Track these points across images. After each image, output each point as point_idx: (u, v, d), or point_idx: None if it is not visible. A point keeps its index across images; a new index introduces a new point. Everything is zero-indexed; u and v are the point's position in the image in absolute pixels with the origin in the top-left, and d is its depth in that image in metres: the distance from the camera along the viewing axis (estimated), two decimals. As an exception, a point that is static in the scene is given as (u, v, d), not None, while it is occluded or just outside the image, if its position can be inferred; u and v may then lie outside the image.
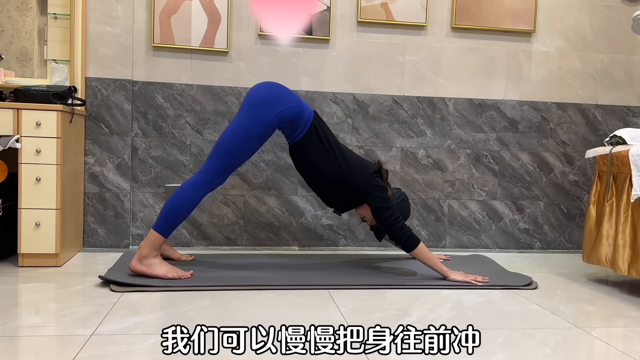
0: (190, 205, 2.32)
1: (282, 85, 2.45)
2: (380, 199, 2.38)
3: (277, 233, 3.06)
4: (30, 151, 2.42)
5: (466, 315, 1.97)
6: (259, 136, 2.34)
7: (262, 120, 2.32)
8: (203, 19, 2.91)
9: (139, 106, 2.92)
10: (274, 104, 2.34)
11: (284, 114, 2.34)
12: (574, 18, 3.22)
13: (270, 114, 2.32)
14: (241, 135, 2.32)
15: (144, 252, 2.26)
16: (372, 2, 3.01)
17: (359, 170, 2.41)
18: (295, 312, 1.95)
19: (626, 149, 2.34)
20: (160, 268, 2.27)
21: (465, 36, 3.14)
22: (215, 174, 2.32)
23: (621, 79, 3.29)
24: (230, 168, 2.36)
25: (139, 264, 2.26)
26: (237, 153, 2.33)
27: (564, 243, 3.29)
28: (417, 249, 2.36)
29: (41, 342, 1.62)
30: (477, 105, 3.17)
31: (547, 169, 3.25)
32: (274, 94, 2.38)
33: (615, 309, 2.14)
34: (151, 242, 2.28)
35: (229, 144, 2.32)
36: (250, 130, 2.32)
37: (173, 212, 2.30)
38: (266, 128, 2.34)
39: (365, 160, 2.51)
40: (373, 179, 2.41)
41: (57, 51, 2.85)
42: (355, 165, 2.42)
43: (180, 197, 2.31)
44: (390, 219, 2.36)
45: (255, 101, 2.35)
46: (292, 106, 2.36)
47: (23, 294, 2.12)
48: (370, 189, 2.38)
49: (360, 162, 2.47)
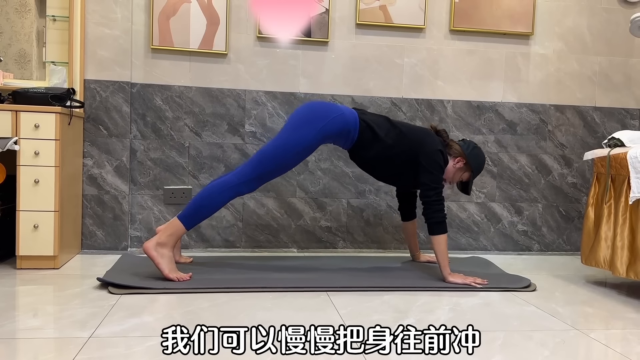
0: (216, 203, 2.33)
1: (323, 102, 2.49)
2: (432, 176, 2.40)
3: (275, 235, 3.06)
4: (29, 153, 2.41)
5: (465, 317, 1.97)
6: (298, 152, 2.36)
7: (303, 137, 2.34)
8: (202, 21, 2.91)
9: (137, 108, 2.92)
10: (315, 120, 2.36)
11: (327, 129, 2.37)
12: (572, 20, 3.23)
13: (311, 130, 2.35)
14: (281, 150, 2.34)
15: (163, 239, 2.26)
16: (370, 5, 3.02)
17: (423, 142, 2.44)
18: (294, 314, 1.95)
19: (624, 151, 2.34)
20: (167, 264, 2.26)
21: (464, 38, 3.14)
22: (247, 180, 2.33)
23: (619, 81, 3.29)
24: (264, 178, 2.37)
25: (153, 248, 2.24)
26: (273, 165, 2.35)
27: (563, 245, 3.30)
28: (438, 237, 2.37)
29: (39, 344, 1.62)
30: (476, 107, 3.17)
31: (546, 171, 3.25)
32: (315, 110, 2.40)
33: (614, 311, 2.15)
34: (172, 230, 2.28)
35: (268, 155, 2.34)
36: (291, 145, 2.34)
37: (199, 206, 2.31)
38: (307, 145, 2.36)
39: (427, 132, 2.52)
40: (437, 155, 2.43)
41: (55, 53, 2.85)
42: (418, 139, 2.45)
43: (209, 193, 2.32)
44: (431, 197, 2.38)
45: (299, 118, 2.39)
46: (333, 118, 2.38)
47: (21, 296, 2.12)
48: (429, 165, 2.41)
49: (422, 134, 2.48)
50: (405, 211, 2.79)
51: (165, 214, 2.96)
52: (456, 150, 2.52)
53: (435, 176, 2.41)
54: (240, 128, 3.00)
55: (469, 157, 2.50)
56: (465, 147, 2.53)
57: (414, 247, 2.85)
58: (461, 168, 2.54)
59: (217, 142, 2.99)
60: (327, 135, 2.38)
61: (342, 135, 2.42)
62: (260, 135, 3.01)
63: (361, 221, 3.11)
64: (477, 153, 2.54)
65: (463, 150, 2.51)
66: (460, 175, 2.56)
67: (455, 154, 2.52)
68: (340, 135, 2.42)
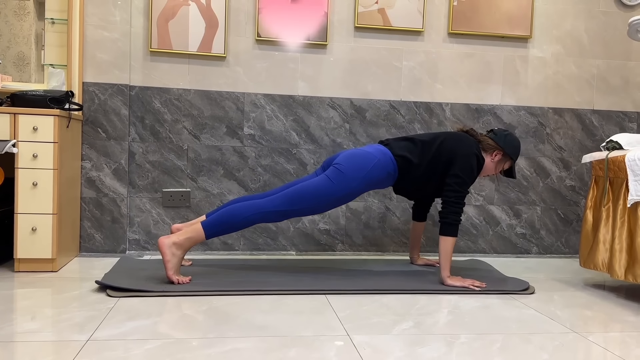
0: (243, 224, 2.32)
1: (359, 152, 2.45)
2: (459, 179, 2.39)
3: (274, 238, 3.05)
4: (27, 156, 2.41)
5: (464, 320, 1.97)
6: (337, 199, 2.38)
7: (344, 187, 2.36)
8: (201, 24, 2.92)
9: (136, 111, 2.92)
10: (357, 172, 2.37)
11: (369, 177, 2.39)
12: (570, 24, 3.24)
13: (354, 180, 2.37)
14: (320, 194, 2.35)
15: (181, 241, 2.25)
16: (369, 8, 3.03)
17: (458, 148, 2.43)
18: (293, 317, 1.95)
19: (622, 154, 2.34)
20: (174, 265, 2.25)
21: (462, 42, 3.15)
22: (278, 211, 2.34)
23: (617, 84, 3.30)
24: (294, 214, 2.37)
25: (168, 245, 2.24)
26: (306, 205, 2.35)
27: (561, 248, 3.30)
28: (447, 238, 2.37)
29: (37, 347, 1.61)
30: (474, 110, 3.18)
31: (544, 174, 3.26)
32: (356, 161, 2.40)
33: (612, 314, 2.15)
34: (192, 234, 2.27)
35: (305, 195, 2.34)
36: (331, 193, 2.35)
37: (225, 220, 2.31)
38: (348, 194, 2.38)
39: (459, 136, 2.50)
40: (472, 158, 2.42)
41: (54, 56, 2.85)
42: (451, 148, 2.44)
43: (239, 211, 2.32)
44: (452, 198, 2.38)
45: (340, 167, 2.38)
46: (374, 165, 2.39)
47: (19, 299, 2.11)
48: (461, 169, 2.40)
49: (455, 141, 2.46)
50: (418, 211, 2.80)
51: (163, 216, 2.96)
52: (490, 145, 2.52)
53: (462, 180, 2.40)
54: (239, 131, 3.00)
55: (505, 147, 2.50)
56: (498, 139, 2.52)
57: (416, 249, 2.85)
58: (500, 160, 2.54)
59: (216, 144, 2.99)
60: (370, 183, 2.41)
61: (382, 179, 2.44)
62: (258, 138, 3.01)
63: (360, 224, 3.11)
64: (510, 140, 2.54)
65: (497, 143, 2.51)
66: (502, 166, 2.57)
67: (491, 148, 2.52)
68: (380, 181, 2.44)
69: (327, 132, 3.06)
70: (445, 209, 2.39)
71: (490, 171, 2.56)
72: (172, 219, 2.96)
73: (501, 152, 2.52)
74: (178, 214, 2.97)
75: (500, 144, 2.51)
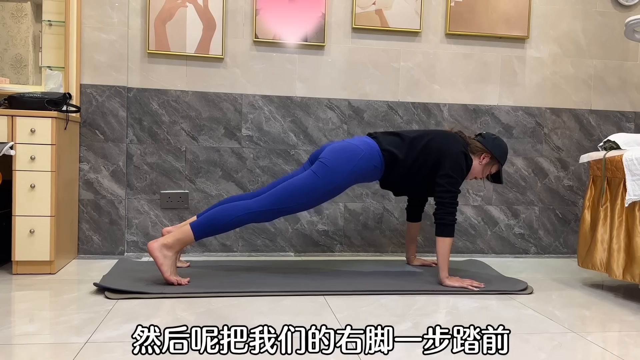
0: (231, 224, 2.32)
1: (346, 144, 2.45)
2: (451, 179, 2.39)
3: (272, 239, 3.05)
4: (25, 158, 2.41)
5: (462, 320, 1.97)
6: (323, 194, 2.37)
7: (330, 181, 2.35)
8: (198, 26, 2.91)
9: (134, 113, 2.92)
10: (343, 166, 2.36)
11: (355, 170, 2.38)
12: (567, 24, 3.25)
13: (340, 174, 2.36)
14: (307, 190, 2.34)
15: (169, 242, 2.24)
16: (366, 9, 3.03)
17: (447, 147, 2.43)
18: (291, 318, 1.94)
19: (620, 154, 2.35)
20: (169, 267, 2.25)
21: (460, 42, 3.15)
22: (266, 210, 2.33)
23: (614, 84, 3.31)
24: (283, 212, 2.37)
25: (158, 249, 2.23)
26: (295, 203, 2.34)
27: (559, 248, 3.30)
28: (444, 239, 2.37)
29: (35, 350, 1.61)
30: (472, 110, 3.18)
31: (542, 174, 3.26)
32: (342, 154, 2.39)
33: (611, 314, 2.15)
34: (181, 235, 2.26)
35: (292, 192, 2.33)
36: (319, 188, 2.35)
37: (214, 221, 2.30)
38: (335, 188, 2.37)
39: (448, 135, 2.50)
40: (460, 157, 2.42)
41: (51, 58, 2.84)
42: (440, 146, 2.44)
43: (228, 212, 2.31)
44: (446, 199, 2.38)
45: (326, 161, 2.37)
46: (361, 158, 2.38)
47: (17, 301, 2.11)
48: (451, 169, 2.40)
49: (444, 139, 2.47)
50: (413, 212, 2.80)
51: (161, 218, 2.96)
52: (478, 147, 2.52)
53: (454, 180, 2.40)
54: (237, 132, 3.00)
55: (492, 150, 2.51)
56: (486, 142, 2.53)
57: (412, 249, 2.85)
58: (488, 163, 2.54)
59: (214, 146, 2.99)
60: (358, 176, 2.40)
61: (369, 172, 2.43)
62: (257, 139, 3.01)
63: (358, 225, 3.11)
64: (498, 144, 2.54)
65: (485, 146, 2.51)
66: (489, 169, 2.57)
67: (479, 151, 2.53)
68: (366, 174, 2.43)
69: (325, 133, 3.06)
70: (440, 210, 2.39)
71: (477, 174, 2.56)
72: (170, 221, 2.96)
73: (489, 155, 2.52)
74: (176, 215, 2.97)
75: (488, 146, 2.51)
